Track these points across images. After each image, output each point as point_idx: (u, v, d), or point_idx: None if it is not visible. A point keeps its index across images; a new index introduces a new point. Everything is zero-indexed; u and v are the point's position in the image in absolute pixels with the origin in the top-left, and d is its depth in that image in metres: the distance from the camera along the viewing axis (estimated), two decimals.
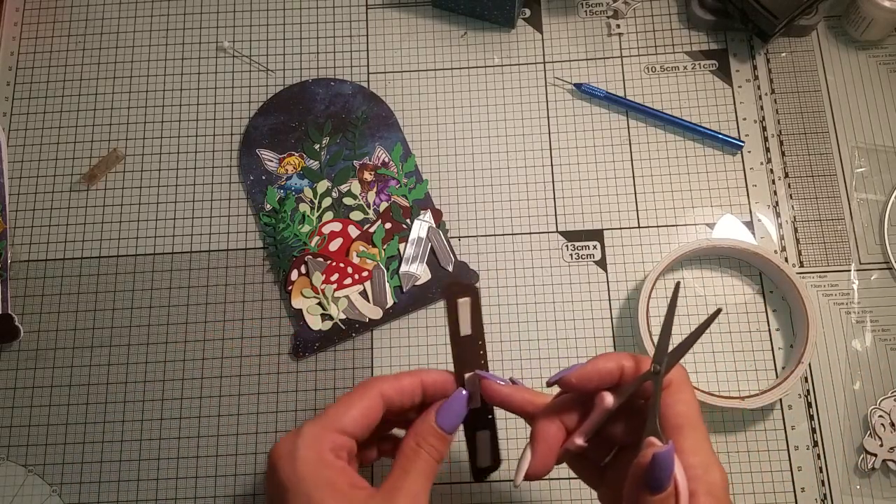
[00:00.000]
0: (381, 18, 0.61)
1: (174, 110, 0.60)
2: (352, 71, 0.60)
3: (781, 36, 0.59)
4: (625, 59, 0.59)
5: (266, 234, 0.56)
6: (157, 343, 0.54)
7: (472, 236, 0.56)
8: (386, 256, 0.55)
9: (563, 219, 0.56)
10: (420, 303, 0.54)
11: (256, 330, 0.54)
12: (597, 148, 0.57)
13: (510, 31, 0.61)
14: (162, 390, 0.53)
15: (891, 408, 0.50)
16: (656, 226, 0.55)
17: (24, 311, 0.55)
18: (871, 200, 0.55)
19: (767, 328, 0.53)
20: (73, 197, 0.58)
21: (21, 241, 0.57)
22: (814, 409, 0.51)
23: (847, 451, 0.50)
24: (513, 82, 0.59)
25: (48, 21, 0.62)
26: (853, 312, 0.53)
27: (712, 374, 0.52)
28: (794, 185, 0.56)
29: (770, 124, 0.57)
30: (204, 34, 0.62)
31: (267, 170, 0.57)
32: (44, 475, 0.52)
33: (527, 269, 0.55)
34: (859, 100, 0.57)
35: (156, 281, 0.56)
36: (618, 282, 0.54)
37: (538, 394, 0.40)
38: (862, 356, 0.52)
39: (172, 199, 0.57)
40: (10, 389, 0.54)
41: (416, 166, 0.57)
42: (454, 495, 0.50)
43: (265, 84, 0.60)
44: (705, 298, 0.53)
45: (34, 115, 0.60)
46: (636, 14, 0.61)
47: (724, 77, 0.59)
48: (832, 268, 0.54)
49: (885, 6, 0.55)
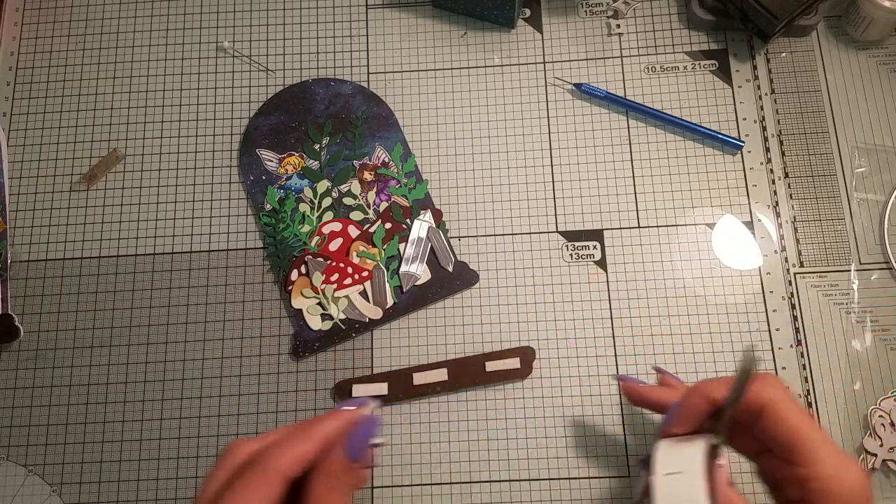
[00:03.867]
0: (381, 18, 0.61)
1: (174, 110, 0.60)
2: (352, 71, 0.60)
3: (781, 36, 0.59)
4: (625, 59, 0.59)
5: (266, 234, 0.56)
6: (157, 343, 0.54)
7: (472, 236, 0.56)
8: (386, 256, 0.55)
9: (563, 219, 0.56)
10: (420, 303, 0.54)
11: (256, 330, 0.54)
12: (597, 148, 0.57)
13: (510, 31, 0.61)
14: (162, 390, 0.53)
15: (891, 408, 0.50)
16: (656, 226, 0.55)
17: (24, 311, 0.55)
18: (871, 200, 0.55)
19: (767, 328, 0.53)
20: (73, 197, 0.58)
21: (21, 241, 0.57)
22: (814, 409, 0.51)
23: (847, 451, 0.50)
24: (513, 82, 0.59)
25: (48, 21, 0.62)
26: (853, 312, 0.53)
27: (712, 374, 0.52)
28: (794, 185, 0.56)
29: (770, 124, 0.57)
30: (204, 34, 0.62)
31: (267, 170, 0.57)
32: (44, 475, 0.52)
33: (527, 269, 0.55)
34: (859, 100, 0.57)
35: (156, 281, 0.56)
36: (618, 282, 0.54)
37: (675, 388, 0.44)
38: (862, 356, 0.52)
39: (172, 199, 0.57)
40: (10, 389, 0.54)
41: (416, 166, 0.57)
42: (454, 495, 0.50)
43: (265, 84, 0.60)
44: (705, 298, 0.53)
45: (34, 115, 0.60)
46: (636, 14, 0.61)
47: (724, 77, 0.59)
48: (832, 268, 0.54)
49: (885, 6, 0.55)
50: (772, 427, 0.37)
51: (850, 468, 0.35)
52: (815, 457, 0.35)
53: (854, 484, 0.34)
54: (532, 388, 0.52)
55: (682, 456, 0.38)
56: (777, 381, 0.38)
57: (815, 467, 0.35)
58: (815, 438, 0.36)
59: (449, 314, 0.54)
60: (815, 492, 0.35)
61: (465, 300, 0.54)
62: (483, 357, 0.52)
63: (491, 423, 0.51)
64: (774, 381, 0.37)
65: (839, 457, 0.35)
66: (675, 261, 0.54)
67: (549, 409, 0.51)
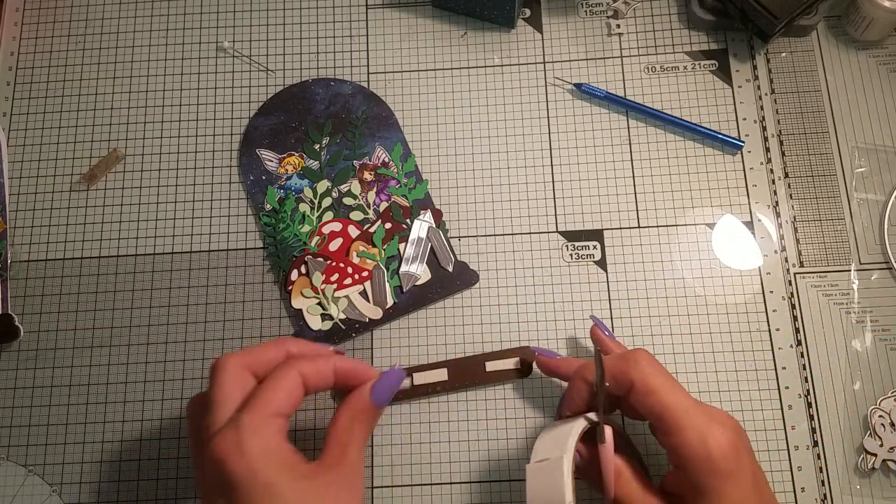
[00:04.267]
0: (381, 18, 0.61)
1: (174, 110, 0.60)
2: (352, 71, 0.60)
3: (781, 36, 0.59)
4: (625, 59, 0.59)
5: (266, 234, 0.56)
6: (157, 343, 0.54)
7: (472, 236, 0.56)
8: (386, 256, 0.55)
9: (563, 219, 0.56)
10: (420, 303, 0.54)
11: (256, 330, 0.54)
12: (597, 148, 0.57)
13: (510, 31, 0.61)
14: (162, 390, 0.53)
15: (891, 408, 0.50)
16: (656, 226, 0.55)
17: (24, 311, 0.55)
18: (871, 200, 0.55)
19: (767, 328, 0.53)
20: (73, 197, 0.58)
21: (21, 241, 0.57)
22: (814, 409, 0.51)
23: (847, 451, 0.50)
24: (513, 82, 0.59)
25: (48, 21, 0.62)
26: (853, 312, 0.53)
27: (712, 374, 0.52)
28: (794, 185, 0.56)
29: (770, 124, 0.57)
30: (204, 34, 0.62)
31: (267, 170, 0.57)
32: (44, 475, 0.52)
33: (527, 269, 0.55)
34: (859, 100, 0.57)
35: (156, 281, 0.56)
36: (618, 282, 0.54)
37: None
38: (862, 356, 0.52)
39: (172, 199, 0.57)
40: (10, 389, 0.54)
41: (416, 166, 0.57)
42: (454, 495, 0.50)
43: (265, 84, 0.60)
44: (705, 298, 0.53)
45: (34, 115, 0.60)
46: (636, 14, 0.61)
47: (724, 77, 0.59)
48: (832, 268, 0.54)
49: (885, 6, 0.55)
50: (640, 401, 0.40)
51: (713, 433, 0.37)
52: (679, 425, 0.38)
53: (718, 447, 0.37)
54: (532, 388, 0.52)
55: (556, 441, 0.41)
56: (643, 357, 0.40)
57: (680, 435, 0.38)
58: (678, 408, 0.38)
59: (449, 314, 0.54)
60: (682, 458, 0.38)
61: (465, 300, 0.54)
62: (483, 357, 0.52)
63: (491, 423, 0.51)
64: (641, 357, 0.40)
65: (703, 423, 0.38)
66: (675, 261, 0.54)
67: (549, 409, 0.51)
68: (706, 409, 0.39)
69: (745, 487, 0.37)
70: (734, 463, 0.37)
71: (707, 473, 0.37)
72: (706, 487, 0.37)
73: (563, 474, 0.38)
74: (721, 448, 0.37)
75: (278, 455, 0.37)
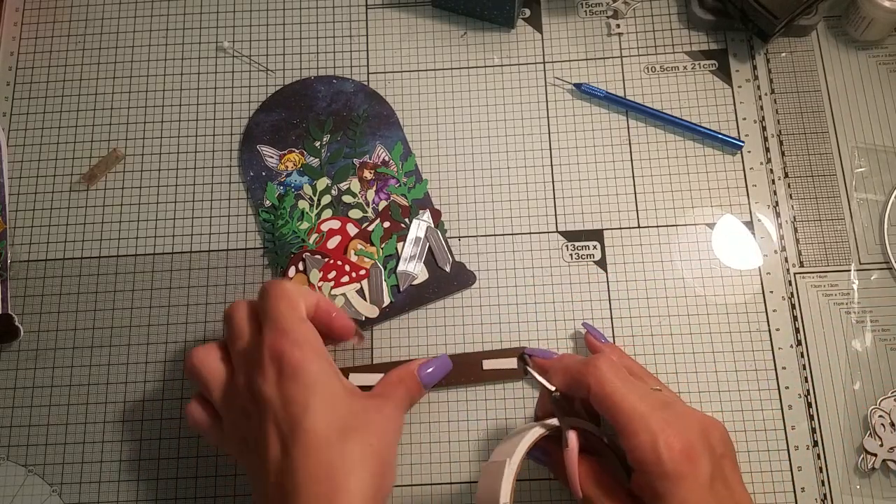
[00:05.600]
0: (381, 18, 0.62)
1: (174, 110, 0.60)
2: (352, 71, 0.60)
3: (781, 36, 0.59)
4: (625, 59, 0.59)
5: (265, 231, 0.56)
6: (157, 343, 0.54)
7: (471, 236, 0.56)
8: (384, 255, 0.55)
9: (563, 219, 0.56)
10: (417, 302, 0.54)
11: None
12: (597, 148, 0.57)
13: (510, 31, 0.61)
14: (162, 390, 0.53)
15: (891, 408, 0.50)
16: (656, 226, 0.55)
17: (24, 311, 0.55)
18: (871, 200, 0.55)
19: (767, 328, 0.53)
20: (73, 197, 0.58)
21: (21, 241, 0.57)
22: (814, 409, 0.51)
23: (847, 451, 0.50)
24: (513, 82, 0.59)
25: (48, 21, 0.62)
26: (853, 312, 0.53)
27: (712, 374, 0.52)
28: (794, 185, 0.56)
29: (770, 124, 0.57)
30: (204, 34, 0.62)
31: (267, 166, 0.57)
32: (44, 475, 0.52)
33: (527, 269, 0.55)
34: (859, 100, 0.57)
35: (156, 281, 0.56)
36: (618, 282, 0.54)
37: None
38: (862, 356, 0.52)
39: (172, 199, 0.58)
40: (10, 389, 0.54)
41: (416, 166, 0.57)
42: (454, 495, 0.50)
43: (265, 84, 0.60)
44: (705, 298, 0.53)
45: (34, 115, 0.60)
46: (636, 14, 0.61)
47: (723, 77, 0.59)
48: (832, 268, 0.54)
49: (885, 6, 0.55)
50: (597, 405, 0.40)
51: (666, 436, 0.38)
52: (632, 429, 0.38)
53: (667, 450, 0.37)
54: (532, 387, 0.52)
55: (512, 445, 0.41)
56: (604, 361, 0.41)
57: (633, 439, 0.38)
58: (632, 412, 0.38)
59: (449, 314, 0.54)
60: (635, 461, 0.38)
61: (465, 300, 0.54)
62: (480, 355, 0.52)
63: (490, 423, 0.51)
64: (602, 361, 0.41)
65: (657, 427, 0.38)
66: (675, 261, 0.54)
67: None
68: (660, 415, 0.39)
69: (697, 490, 0.37)
70: (686, 466, 0.37)
71: (658, 476, 0.37)
72: (657, 490, 0.38)
73: (502, 477, 0.39)
74: (671, 451, 0.37)
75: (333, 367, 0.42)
